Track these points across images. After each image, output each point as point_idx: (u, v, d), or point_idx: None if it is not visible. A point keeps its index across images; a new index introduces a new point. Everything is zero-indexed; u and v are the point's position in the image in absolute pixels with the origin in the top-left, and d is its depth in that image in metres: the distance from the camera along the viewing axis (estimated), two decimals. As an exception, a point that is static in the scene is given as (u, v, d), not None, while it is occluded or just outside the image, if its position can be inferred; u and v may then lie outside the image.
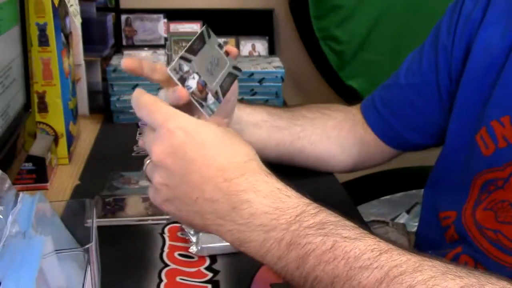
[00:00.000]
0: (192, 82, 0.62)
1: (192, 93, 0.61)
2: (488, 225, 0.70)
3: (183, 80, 0.61)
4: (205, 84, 0.64)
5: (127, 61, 0.62)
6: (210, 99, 0.63)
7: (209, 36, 0.68)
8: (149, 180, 0.55)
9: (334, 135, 0.88)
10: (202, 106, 0.62)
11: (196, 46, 0.65)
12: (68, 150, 0.95)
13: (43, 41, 0.89)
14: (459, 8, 0.77)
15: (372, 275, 0.43)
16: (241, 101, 0.83)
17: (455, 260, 0.74)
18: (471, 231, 0.72)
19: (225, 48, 0.69)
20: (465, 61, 0.75)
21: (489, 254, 0.70)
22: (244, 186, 0.49)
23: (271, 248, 0.47)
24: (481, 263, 0.71)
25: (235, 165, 0.50)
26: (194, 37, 0.65)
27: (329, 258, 0.45)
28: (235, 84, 0.72)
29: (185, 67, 0.62)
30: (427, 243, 0.82)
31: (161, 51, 1.37)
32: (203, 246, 0.68)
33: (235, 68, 0.70)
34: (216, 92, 0.65)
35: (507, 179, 0.68)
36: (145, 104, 0.54)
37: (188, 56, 0.64)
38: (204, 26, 0.67)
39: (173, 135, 0.51)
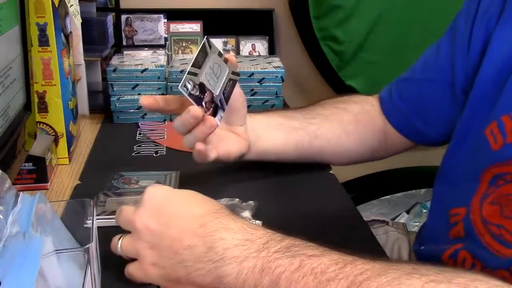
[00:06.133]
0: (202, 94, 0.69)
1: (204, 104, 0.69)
2: (493, 220, 0.70)
3: (193, 96, 0.68)
4: (212, 94, 0.70)
5: (144, 99, 0.75)
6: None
7: (210, 47, 0.71)
8: (127, 257, 0.60)
9: (351, 130, 0.89)
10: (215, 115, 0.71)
11: (200, 59, 0.69)
12: (68, 150, 0.95)
13: (43, 41, 0.89)
14: (476, 5, 0.77)
15: (339, 285, 0.46)
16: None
17: (453, 256, 0.73)
18: (478, 227, 0.72)
19: (225, 56, 0.72)
20: (482, 59, 0.75)
21: (491, 248, 0.70)
22: (217, 227, 0.54)
23: (247, 277, 0.51)
24: (480, 257, 0.71)
25: (209, 212, 0.56)
26: (197, 50, 0.70)
27: (298, 276, 0.48)
28: (242, 95, 0.80)
29: (192, 82, 0.66)
30: (429, 237, 0.81)
31: (161, 51, 1.37)
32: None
33: (234, 73, 0.73)
34: (220, 100, 0.72)
35: None
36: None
37: (194, 70, 0.67)
38: (205, 38, 0.71)
39: (152, 198, 0.59)
